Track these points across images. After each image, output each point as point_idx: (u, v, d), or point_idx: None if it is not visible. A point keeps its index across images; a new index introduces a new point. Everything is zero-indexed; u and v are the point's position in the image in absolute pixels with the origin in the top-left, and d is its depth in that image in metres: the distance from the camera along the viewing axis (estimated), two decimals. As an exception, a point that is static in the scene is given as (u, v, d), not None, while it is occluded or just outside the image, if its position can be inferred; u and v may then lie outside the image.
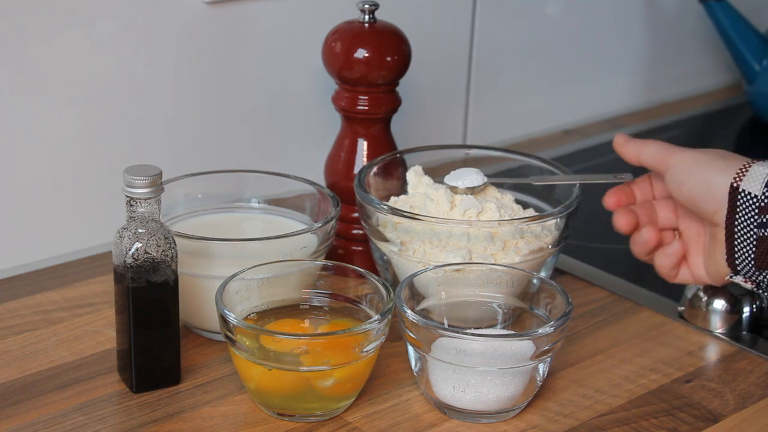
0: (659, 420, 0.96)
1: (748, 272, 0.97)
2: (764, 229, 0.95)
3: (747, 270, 0.97)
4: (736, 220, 0.96)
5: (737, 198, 0.95)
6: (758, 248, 0.95)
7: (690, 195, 0.98)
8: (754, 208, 0.95)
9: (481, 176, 1.09)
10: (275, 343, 0.93)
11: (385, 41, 1.14)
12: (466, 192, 1.09)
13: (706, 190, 0.97)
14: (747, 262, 0.96)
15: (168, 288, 0.95)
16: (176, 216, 1.11)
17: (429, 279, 1.01)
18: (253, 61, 1.27)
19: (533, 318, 1.00)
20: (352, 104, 1.15)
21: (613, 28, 1.63)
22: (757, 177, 0.95)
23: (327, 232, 1.06)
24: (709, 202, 0.97)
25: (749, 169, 0.96)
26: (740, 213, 0.96)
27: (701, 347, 1.07)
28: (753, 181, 0.95)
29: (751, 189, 0.95)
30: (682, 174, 0.98)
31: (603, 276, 1.19)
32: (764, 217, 0.95)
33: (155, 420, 0.94)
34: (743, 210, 0.95)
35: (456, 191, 1.09)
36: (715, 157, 0.98)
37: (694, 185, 0.98)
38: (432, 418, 0.96)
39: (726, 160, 0.98)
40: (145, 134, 1.21)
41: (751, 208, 0.95)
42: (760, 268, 0.96)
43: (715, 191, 0.96)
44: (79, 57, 1.15)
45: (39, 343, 1.04)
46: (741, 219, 0.96)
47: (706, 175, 0.97)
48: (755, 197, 0.95)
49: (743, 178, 0.95)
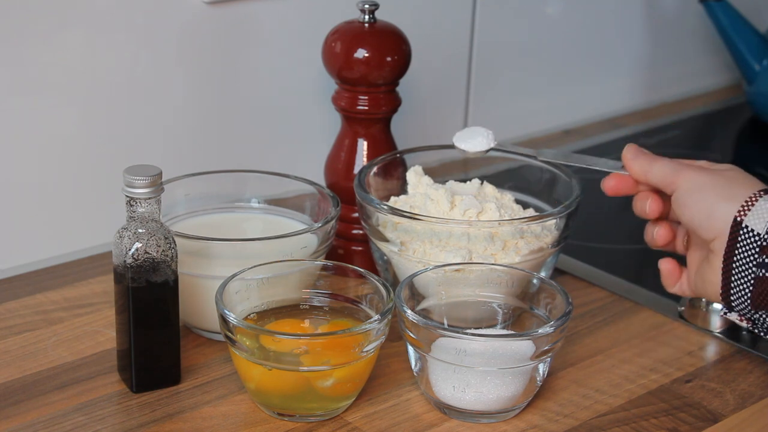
0: (659, 420, 0.96)
1: (743, 310, 0.96)
2: (764, 270, 0.93)
3: (743, 308, 0.96)
4: (735, 254, 0.94)
5: (739, 233, 0.93)
6: (755, 288, 0.94)
7: (692, 220, 0.96)
8: (755, 246, 0.93)
9: (490, 139, 1.08)
10: (275, 343, 0.93)
11: (385, 41, 1.14)
12: (475, 155, 1.08)
13: (708, 219, 0.95)
14: (743, 299, 0.95)
15: (168, 288, 0.95)
16: (176, 216, 1.11)
17: (429, 279, 1.01)
18: (253, 61, 1.27)
19: (533, 318, 1.00)
20: (352, 104, 1.15)
21: (613, 28, 1.63)
22: (763, 214, 0.93)
23: (327, 232, 1.06)
24: (710, 229, 0.95)
25: (755, 203, 0.93)
26: (740, 248, 0.93)
27: (701, 347, 1.07)
28: (758, 218, 0.93)
29: (754, 226, 0.92)
30: (687, 198, 0.96)
31: (603, 276, 1.19)
32: (765, 257, 0.93)
33: (155, 420, 0.94)
34: (744, 246, 0.93)
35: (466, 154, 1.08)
36: (723, 182, 0.96)
37: (697, 211, 0.95)
38: (432, 418, 0.96)
39: (733, 189, 0.95)
40: (145, 134, 1.21)
41: (751, 246, 0.93)
42: (756, 308, 0.94)
43: (718, 221, 0.94)
44: (79, 57, 1.15)
45: (39, 343, 1.04)
46: (740, 255, 0.93)
47: (710, 203, 0.95)
48: (758, 235, 0.92)
49: (748, 212, 0.93)
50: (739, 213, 0.93)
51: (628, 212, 1.06)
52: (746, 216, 0.93)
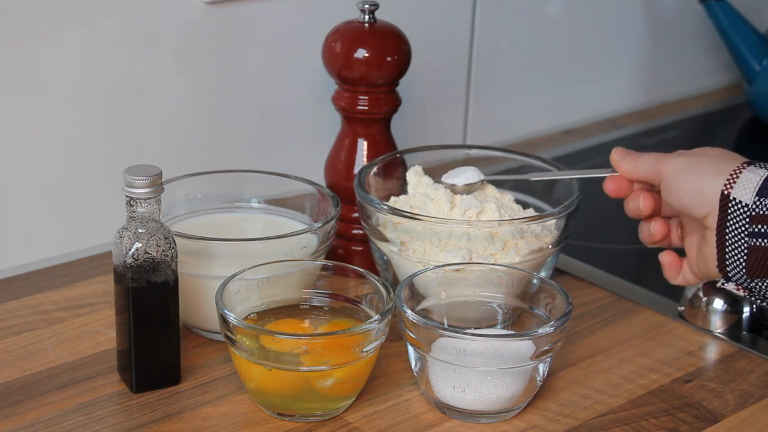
0: (659, 420, 0.96)
1: (739, 279, 0.97)
2: (755, 239, 0.94)
3: (739, 277, 0.96)
4: (727, 227, 0.95)
5: (728, 206, 0.95)
6: (749, 257, 0.95)
7: (682, 201, 0.97)
8: (744, 216, 0.94)
9: (479, 174, 1.09)
10: (275, 343, 0.93)
11: (385, 41, 1.14)
12: (464, 190, 1.09)
13: (697, 196, 0.96)
14: (738, 269, 0.96)
15: (168, 288, 0.95)
16: (176, 216, 1.11)
17: (429, 279, 1.01)
18: (253, 61, 1.27)
19: (533, 318, 1.00)
20: (352, 104, 1.15)
21: (613, 28, 1.63)
22: (748, 184, 0.94)
23: (327, 232, 1.06)
24: (700, 207, 0.96)
25: (740, 176, 0.95)
26: (731, 220, 0.95)
27: (701, 347, 1.07)
28: (744, 189, 0.94)
29: (742, 197, 0.94)
30: (673, 182, 0.98)
31: (603, 276, 1.19)
32: (755, 226, 0.94)
33: (155, 420, 0.94)
34: (734, 218, 0.95)
35: (455, 189, 1.09)
36: (707, 160, 0.98)
37: (685, 191, 0.97)
38: (432, 418, 0.96)
39: (717, 165, 0.97)
40: (145, 134, 1.21)
41: (741, 217, 0.94)
42: (751, 277, 0.95)
43: (707, 198, 0.96)
44: (79, 57, 1.15)
45: (39, 343, 1.04)
46: (732, 226, 0.95)
47: (696, 181, 0.96)
48: (746, 206, 0.94)
49: (734, 185, 0.95)
50: (725, 187, 0.95)
51: (628, 212, 1.06)
52: (733, 189, 0.95)
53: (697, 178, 0.96)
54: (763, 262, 0.94)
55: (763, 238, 0.94)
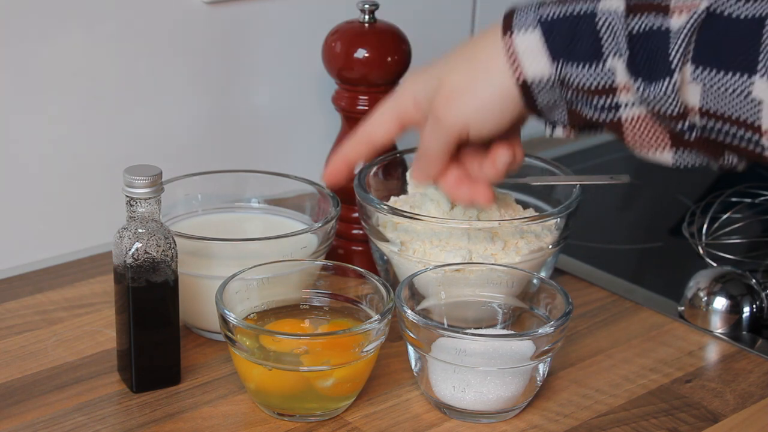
0: (659, 420, 0.96)
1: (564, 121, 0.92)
2: (575, 104, 0.88)
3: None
4: (538, 106, 0.89)
5: (531, 92, 0.88)
6: (571, 117, 0.90)
7: (492, 126, 0.90)
8: (554, 87, 0.87)
9: None
10: (275, 343, 0.93)
11: (385, 41, 1.14)
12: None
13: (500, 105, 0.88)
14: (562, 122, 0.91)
15: (168, 288, 0.95)
16: (176, 216, 1.11)
17: (429, 279, 1.01)
18: (253, 61, 1.27)
19: (533, 318, 1.00)
20: (352, 104, 1.15)
21: (613, 28, 1.63)
22: (531, 52, 0.86)
23: (327, 232, 1.06)
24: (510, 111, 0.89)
25: (511, 51, 0.87)
26: (542, 101, 0.88)
27: (701, 347, 1.07)
28: (532, 59, 0.86)
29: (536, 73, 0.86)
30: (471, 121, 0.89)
31: (603, 276, 1.19)
32: (569, 93, 0.87)
33: (155, 420, 0.94)
34: (544, 96, 0.88)
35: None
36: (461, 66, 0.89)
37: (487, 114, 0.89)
38: (432, 418, 0.96)
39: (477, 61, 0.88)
40: (145, 134, 1.21)
41: (552, 89, 0.88)
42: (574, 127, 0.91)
43: (506, 97, 0.88)
44: (79, 57, 1.15)
45: (39, 343, 1.04)
46: (545, 104, 0.89)
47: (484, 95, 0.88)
48: (549, 78, 0.87)
49: (519, 65, 0.87)
50: (516, 75, 0.88)
51: (628, 212, 1.06)
52: (524, 74, 0.88)
53: (477, 93, 0.89)
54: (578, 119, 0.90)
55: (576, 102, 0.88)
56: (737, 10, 0.82)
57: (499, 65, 0.88)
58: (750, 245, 1.25)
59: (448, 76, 0.91)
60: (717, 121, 0.84)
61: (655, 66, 0.84)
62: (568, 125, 0.92)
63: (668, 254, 1.27)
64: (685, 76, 0.83)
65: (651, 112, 0.86)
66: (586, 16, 0.86)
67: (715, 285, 1.09)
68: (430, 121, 0.92)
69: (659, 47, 0.84)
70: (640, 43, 0.85)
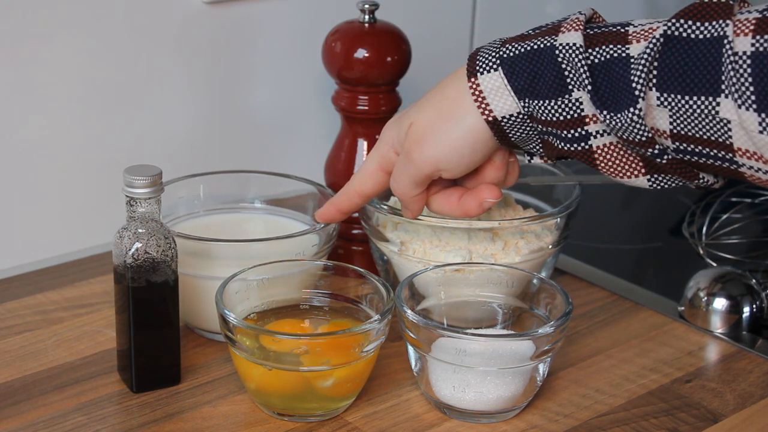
0: (659, 420, 0.96)
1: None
2: (546, 136, 0.89)
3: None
4: (512, 139, 0.90)
5: (503, 127, 0.89)
6: (545, 148, 0.91)
7: (464, 163, 0.91)
8: (524, 121, 0.89)
9: None
10: (275, 343, 0.93)
11: (385, 41, 1.14)
12: None
13: (471, 147, 0.90)
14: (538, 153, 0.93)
15: (168, 288, 0.95)
16: (177, 217, 1.11)
17: (429, 279, 1.01)
18: (253, 61, 1.27)
19: (533, 318, 1.00)
20: (352, 104, 1.15)
21: (613, 28, 1.63)
22: (496, 91, 0.88)
23: (329, 233, 1.06)
24: (482, 151, 0.90)
25: (477, 93, 0.89)
26: (514, 135, 0.89)
27: (701, 347, 1.07)
28: (498, 98, 0.88)
29: (504, 111, 0.88)
30: (445, 160, 0.91)
31: (603, 276, 1.19)
32: (539, 127, 0.88)
33: (155, 420, 0.94)
34: (516, 130, 0.89)
35: None
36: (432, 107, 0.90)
37: (458, 155, 0.90)
38: (432, 418, 0.96)
39: (446, 103, 0.90)
40: (145, 134, 1.21)
41: (522, 124, 0.89)
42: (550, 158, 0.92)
43: (478, 138, 0.89)
44: (79, 57, 1.15)
45: (39, 343, 1.04)
46: (518, 137, 0.90)
47: (451, 137, 0.89)
48: (518, 114, 0.88)
49: (487, 105, 0.88)
50: (484, 114, 0.89)
51: (628, 212, 1.06)
52: (492, 109, 0.89)
53: (447, 134, 0.90)
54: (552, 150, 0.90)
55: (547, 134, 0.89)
56: (694, 32, 0.82)
57: (467, 105, 0.90)
58: (750, 245, 1.25)
59: (418, 118, 0.93)
60: (689, 144, 0.84)
61: (619, 95, 0.85)
62: (544, 156, 0.93)
63: (668, 254, 1.27)
64: (651, 102, 0.84)
65: (621, 140, 0.87)
66: (546, 51, 0.88)
67: (715, 285, 1.09)
68: (402, 158, 0.94)
69: (621, 76, 0.84)
70: (602, 74, 0.86)
